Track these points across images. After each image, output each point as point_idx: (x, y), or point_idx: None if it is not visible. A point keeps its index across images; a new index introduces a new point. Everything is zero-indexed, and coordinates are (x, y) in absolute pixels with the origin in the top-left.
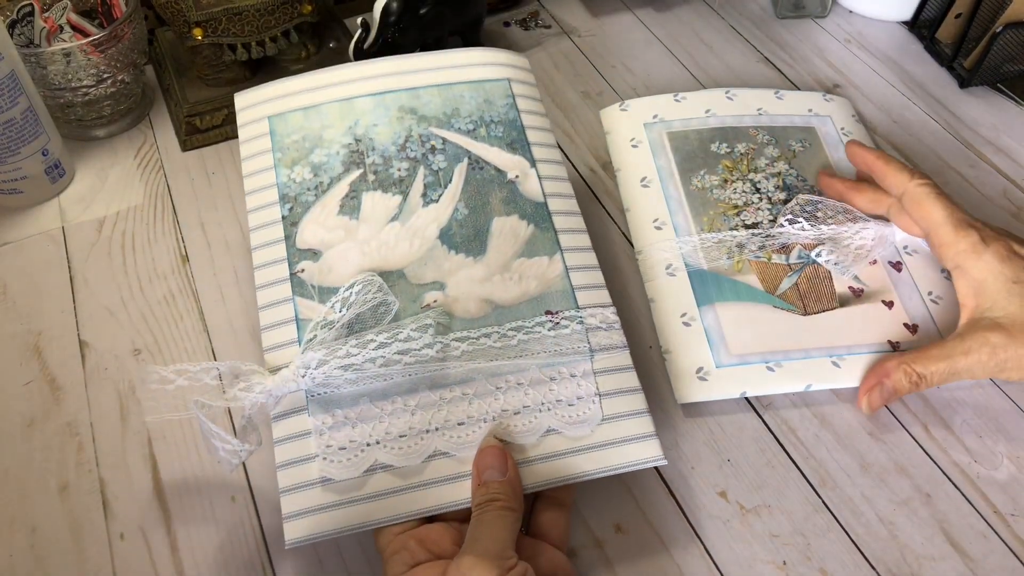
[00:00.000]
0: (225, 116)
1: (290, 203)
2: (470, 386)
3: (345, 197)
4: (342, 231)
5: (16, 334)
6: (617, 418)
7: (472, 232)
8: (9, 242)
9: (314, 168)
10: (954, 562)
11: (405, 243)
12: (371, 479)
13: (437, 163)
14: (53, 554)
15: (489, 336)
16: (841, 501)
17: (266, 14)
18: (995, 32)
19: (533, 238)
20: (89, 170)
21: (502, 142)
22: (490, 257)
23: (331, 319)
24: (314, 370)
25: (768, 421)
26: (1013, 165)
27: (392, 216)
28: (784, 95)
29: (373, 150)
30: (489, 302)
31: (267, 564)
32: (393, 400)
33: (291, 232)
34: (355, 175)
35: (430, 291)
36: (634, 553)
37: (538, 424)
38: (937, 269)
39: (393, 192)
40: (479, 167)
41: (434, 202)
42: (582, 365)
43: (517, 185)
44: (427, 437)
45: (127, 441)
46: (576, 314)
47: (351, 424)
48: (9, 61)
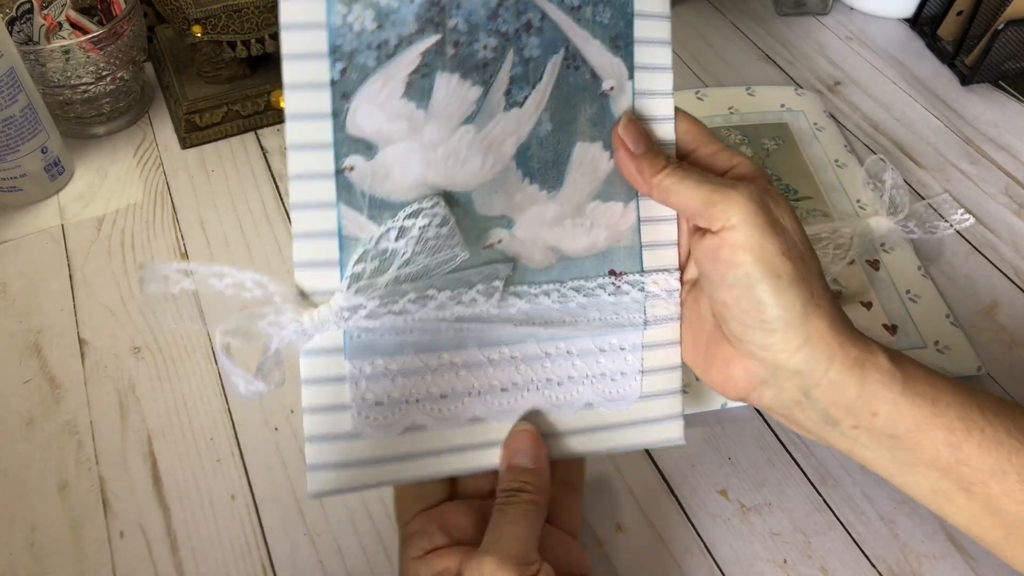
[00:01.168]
0: (224, 113)
1: (343, 61)
2: (519, 348)
3: (414, 73)
4: (405, 123)
5: (15, 332)
6: (653, 396)
7: (552, 157)
8: (8, 240)
9: (379, 14)
10: (954, 560)
11: (477, 159)
12: (404, 437)
13: (530, 48)
14: (53, 553)
15: (549, 294)
16: (842, 499)
17: (265, 11)
18: (996, 29)
19: (612, 176)
20: (88, 168)
21: (606, 32)
22: (565, 193)
23: (384, 247)
24: (360, 318)
25: (769, 419)
26: (1014, 162)
27: (468, 115)
28: (756, 91)
29: (458, 8)
30: (555, 251)
31: (267, 563)
32: (439, 355)
33: (341, 108)
34: (431, 41)
35: (496, 228)
36: (635, 552)
37: (578, 397)
38: (914, 266)
39: (473, 80)
40: (574, 65)
41: (518, 105)
42: (632, 337)
43: (610, 101)
44: (468, 401)
45: (127, 439)
46: (639, 279)
47: (391, 377)
48: (8, 58)
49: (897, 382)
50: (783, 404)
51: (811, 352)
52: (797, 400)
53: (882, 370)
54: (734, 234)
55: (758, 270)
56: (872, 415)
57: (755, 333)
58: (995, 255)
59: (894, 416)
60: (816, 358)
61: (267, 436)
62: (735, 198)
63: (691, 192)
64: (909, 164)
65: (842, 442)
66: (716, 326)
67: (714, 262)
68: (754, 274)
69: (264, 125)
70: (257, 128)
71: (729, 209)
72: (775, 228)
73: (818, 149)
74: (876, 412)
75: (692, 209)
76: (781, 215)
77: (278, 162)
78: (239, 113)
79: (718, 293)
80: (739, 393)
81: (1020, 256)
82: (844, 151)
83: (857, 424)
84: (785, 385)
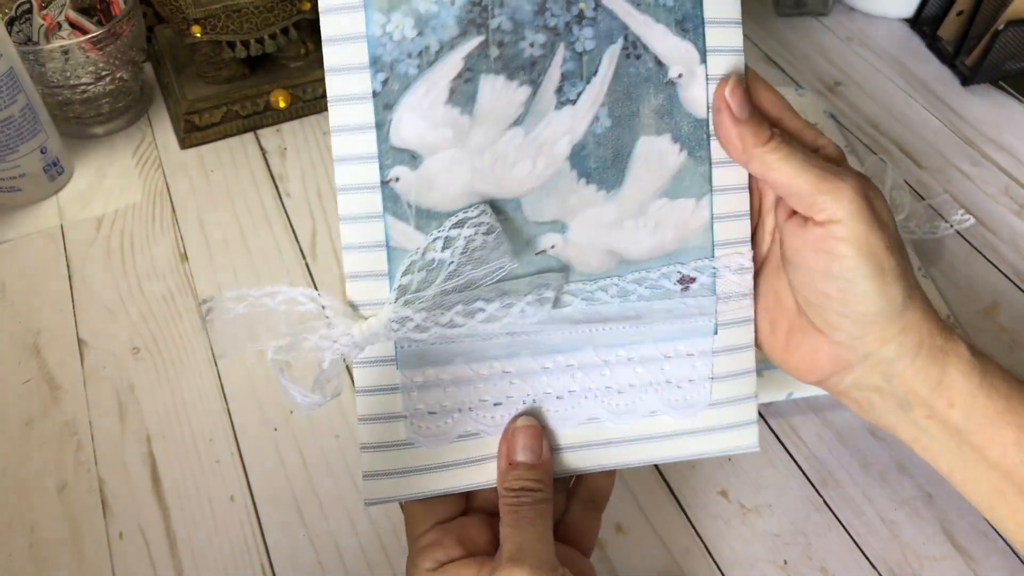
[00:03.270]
0: (224, 113)
1: (384, 72)
2: (575, 356)
3: (457, 78)
4: (450, 130)
5: (14, 333)
6: (724, 403)
7: (611, 155)
8: (7, 240)
9: (419, 20)
10: (955, 562)
11: (527, 162)
12: (458, 444)
13: (583, 40)
14: (52, 553)
15: (607, 290)
16: (842, 500)
17: (265, 11)
18: (997, 30)
19: (682, 171)
20: (88, 168)
21: (671, 16)
22: (626, 193)
23: (431, 258)
24: (409, 331)
25: (769, 420)
26: (1015, 163)
27: (515, 117)
28: None
29: (501, 6)
30: (614, 254)
31: (266, 564)
32: (491, 363)
33: (384, 119)
34: (473, 44)
35: (548, 233)
36: (635, 553)
37: (640, 405)
38: (915, 267)
39: (520, 80)
40: (635, 54)
41: (571, 103)
42: (701, 343)
43: (678, 89)
44: (523, 409)
45: (126, 440)
46: (708, 264)
47: (443, 387)
48: (7, 59)
49: (976, 374)
50: (862, 388)
51: (903, 341)
52: (878, 386)
53: (963, 360)
54: (841, 228)
55: (866, 265)
56: (949, 405)
57: (853, 324)
58: (995, 256)
59: (969, 408)
60: (907, 346)
61: (267, 437)
62: (844, 190)
63: (797, 174)
64: (909, 164)
65: (911, 431)
66: (799, 312)
67: (816, 253)
68: (861, 268)
69: (263, 125)
70: (256, 128)
71: (838, 200)
72: (880, 222)
73: None
74: (953, 403)
75: (795, 192)
76: (881, 208)
77: (277, 162)
78: (238, 113)
79: (819, 284)
80: (820, 377)
81: (1020, 257)
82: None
83: (931, 414)
84: (871, 371)
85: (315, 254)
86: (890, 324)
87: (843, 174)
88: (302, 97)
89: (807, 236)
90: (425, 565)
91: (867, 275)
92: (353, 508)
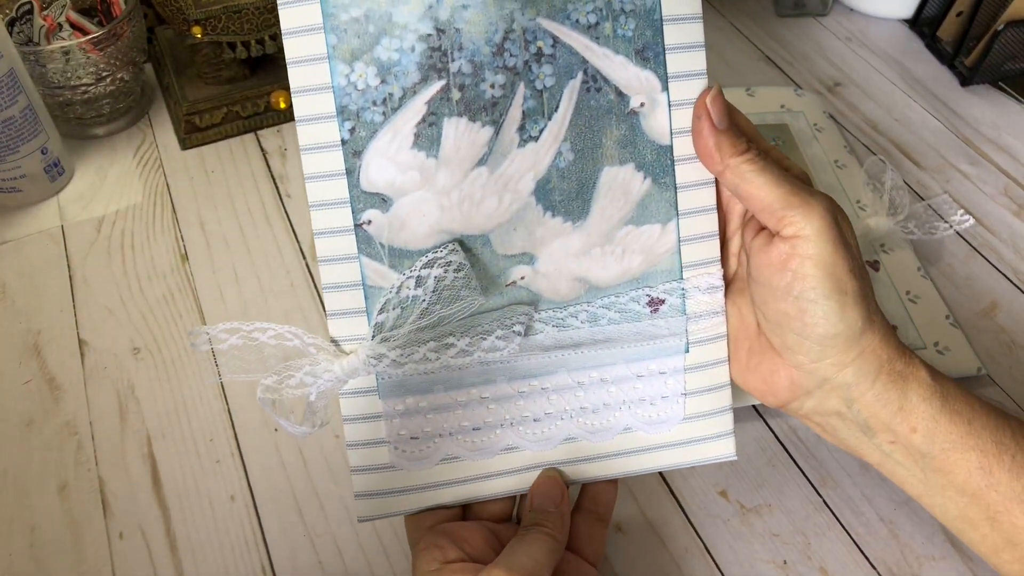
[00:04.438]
0: (224, 114)
1: (351, 120)
2: (549, 380)
3: (421, 123)
4: (417, 173)
5: (15, 333)
6: (698, 417)
7: (575, 187)
8: (8, 241)
9: (381, 69)
10: (954, 562)
11: (493, 199)
12: (441, 467)
13: (543, 78)
14: (52, 554)
15: (577, 316)
16: (842, 500)
17: (265, 12)
18: (996, 30)
19: (647, 198)
20: (88, 169)
21: (630, 46)
22: (592, 223)
23: (405, 295)
24: (386, 366)
25: (768, 420)
26: (1014, 163)
27: (479, 157)
28: (755, 91)
29: (460, 50)
30: (583, 281)
31: (266, 563)
32: (468, 390)
33: (354, 165)
34: (435, 89)
35: (518, 265)
36: (635, 553)
37: (615, 423)
38: (914, 266)
39: (483, 121)
40: (595, 87)
41: (533, 140)
42: (673, 361)
43: (640, 118)
44: (501, 432)
45: (126, 440)
46: (677, 286)
47: (423, 413)
48: (8, 59)
49: (937, 398)
50: (823, 414)
51: (861, 365)
52: (839, 411)
53: (924, 385)
54: (807, 245)
55: (827, 286)
56: (911, 430)
57: (811, 346)
58: (995, 256)
59: (931, 432)
60: (865, 371)
61: (267, 437)
62: (815, 207)
63: (769, 187)
64: (909, 165)
65: (875, 455)
66: (759, 334)
67: (780, 272)
68: (822, 289)
69: (264, 126)
70: (257, 129)
71: (807, 217)
72: (845, 243)
73: (818, 150)
74: (915, 428)
75: (765, 205)
76: (847, 230)
77: (278, 163)
78: (239, 114)
79: (778, 303)
80: (779, 402)
81: (1020, 257)
82: (844, 152)
83: (894, 439)
84: (829, 396)
85: (315, 255)
86: (848, 348)
87: (814, 193)
88: None
89: (771, 252)
90: (425, 566)
91: (827, 295)
92: (353, 507)
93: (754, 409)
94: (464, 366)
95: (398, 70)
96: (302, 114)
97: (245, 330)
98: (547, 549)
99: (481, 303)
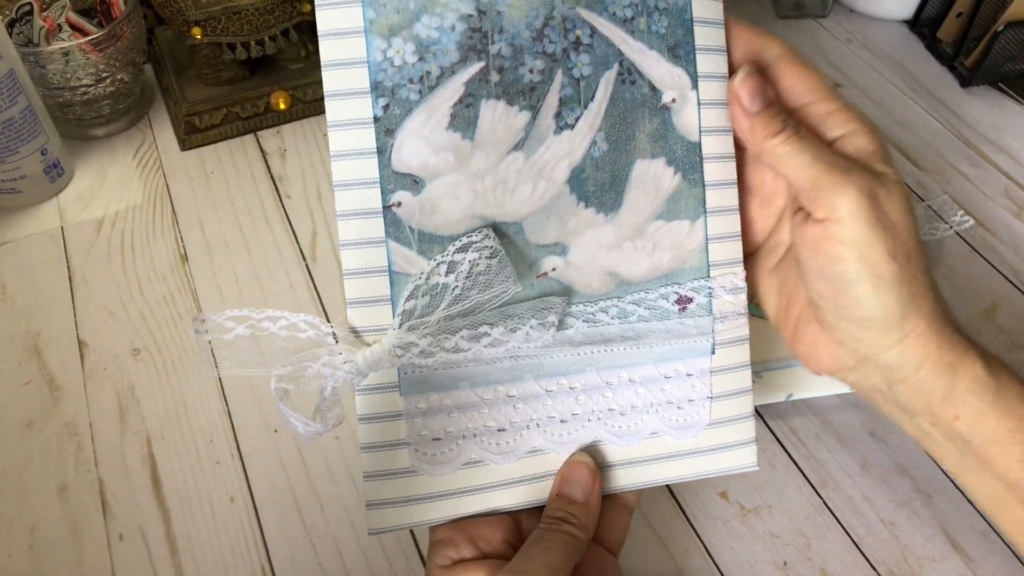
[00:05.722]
0: (224, 115)
1: (385, 97)
2: (578, 379)
3: (458, 104)
4: (451, 155)
5: (15, 334)
6: (723, 423)
7: (609, 178)
8: (8, 242)
9: (420, 46)
10: (955, 563)
11: (527, 185)
12: (463, 472)
13: (580, 66)
14: (52, 554)
15: (607, 311)
16: (842, 501)
17: (265, 13)
18: (996, 31)
19: (677, 194)
20: (88, 170)
21: (663, 43)
22: (623, 215)
23: (435, 282)
24: (414, 356)
25: (769, 421)
26: (1014, 164)
27: (516, 142)
28: None
29: (500, 32)
30: (614, 276)
31: (266, 564)
32: (495, 388)
33: (385, 144)
34: (474, 70)
35: (549, 256)
36: (635, 554)
37: (643, 426)
38: None
39: (520, 105)
40: (630, 80)
41: (569, 128)
42: (699, 362)
43: (671, 114)
44: (527, 434)
45: (126, 441)
46: (704, 284)
47: (447, 412)
48: (8, 60)
49: (989, 393)
50: (864, 388)
51: (904, 351)
52: (880, 389)
53: (976, 380)
54: (839, 228)
55: (859, 269)
56: (954, 418)
57: (849, 326)
58: (995, 257)
59: (976, 424)
60: (908, 357)
61: (267, 438)
62: (846, 189)
63: (802, 169)
64: (909, 166)
65: (913, 431)
66: (809, 304)
67: (813, 252)
68: (853, 273)
69: (264, 127)
70: (257, 130)
71: (838, 199)
72: (883, 224)
73: None
74: (959, 416)
75: (798, 186)
76: (892, 208)
77: (277, 164)
78: (239, 115)
79: (814, 282)
80: (824, 371)
81: (1020, 258)
82: None
83: (935, 423)
84: (871, 374)
85: (315, 256)
86: (887, 332)
87: (852, 172)
88: (302, 99)
89: (806, 232)
90: (439, 562)
91: (860, 280)
92: (353, 508)
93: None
94: (494, 359)
95: (437, 48)
96: (333, 88)
97: (255, 318)
98: (566, 552)
99: (516, 291)
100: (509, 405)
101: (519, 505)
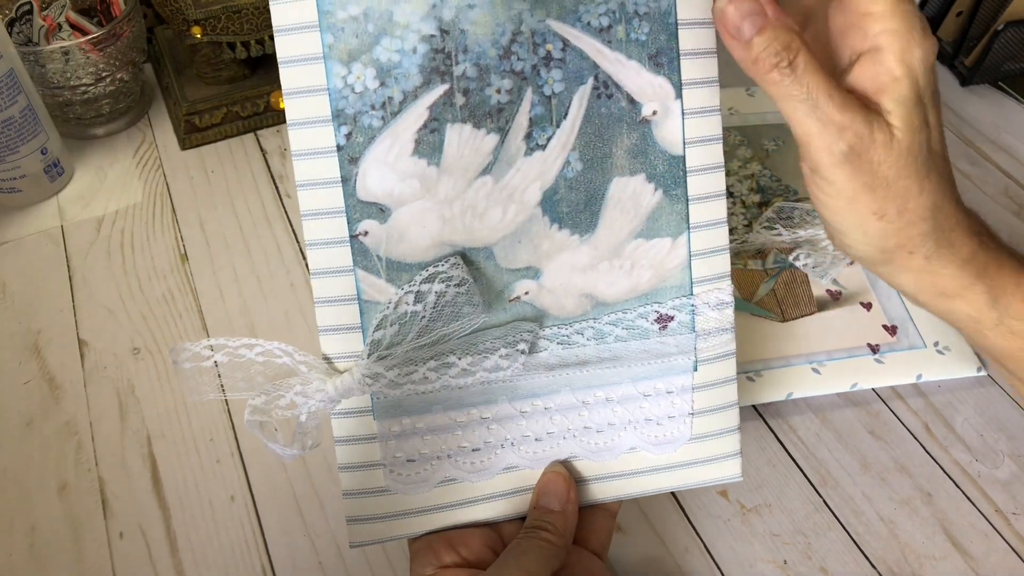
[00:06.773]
0: (224, 114)
1: (347, 125)
2: (552, 399)
3: (423, 129)
4: (418, 182)
5: (15, 333)
6: (706, 437)
7: (583, 198)
8: (8, 241)
9: (380, 71)
10: (955, 561)
11: (497, 210)
12: (439, 490)
13: (552, 83)
14: (52, 553)
15: (583, 333)
16: (842, 500)
17: (265, 12)
18: (996, 30)
19: (658, 211)
20: (88, 169)
21: (644, 51)
22: (600, 236)
23: (403, 311)
24: (383, 386)
25: (769, 420)
26: (1014, 163)
27: (484, 166)
28: (756, 91)
29: (465, 52)
30: (590, 297)
31: (266, 564)
32: (468, 411)
33: (350, 173)
34: (438, 93)
35: (522, 280)
36: (634, 553)
37: (620, 443)
38: None
39: (488, 128)
40: (606, 94)
41: (540, 148)
42: (680, 380)
43: (652, 127)
44: (501, 452)
45: (126, 440)
46: (686, 302)
47: (420, 435)
48: (8, 59)
49: None
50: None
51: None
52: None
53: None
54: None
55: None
56: None
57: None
58: None
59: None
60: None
61: None
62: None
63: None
64: None
65: None
66: None
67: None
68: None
69: (264, 126)
70: (257, 129)
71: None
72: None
73: None
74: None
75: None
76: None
77: (277, 163)
78: (239, 114)
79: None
80: None
81: None
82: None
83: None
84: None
85: None
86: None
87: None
88: None
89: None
90: (421, 570)
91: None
92: None
93: (754, 409)
94: (465, 386)
95: (399, 72)
96: (295, 117)
97: (231, 347)
98: (543, 558)
99: (483, 320)
100: (483, 427)
101: (498, 518)
